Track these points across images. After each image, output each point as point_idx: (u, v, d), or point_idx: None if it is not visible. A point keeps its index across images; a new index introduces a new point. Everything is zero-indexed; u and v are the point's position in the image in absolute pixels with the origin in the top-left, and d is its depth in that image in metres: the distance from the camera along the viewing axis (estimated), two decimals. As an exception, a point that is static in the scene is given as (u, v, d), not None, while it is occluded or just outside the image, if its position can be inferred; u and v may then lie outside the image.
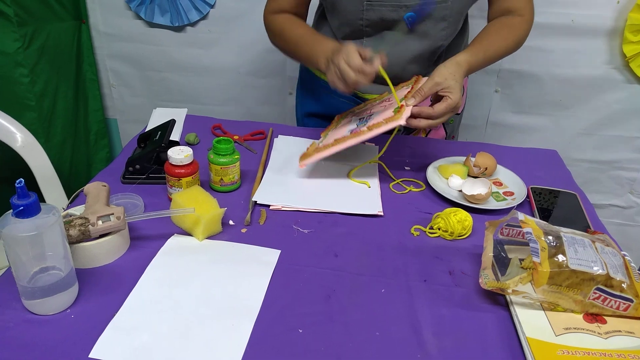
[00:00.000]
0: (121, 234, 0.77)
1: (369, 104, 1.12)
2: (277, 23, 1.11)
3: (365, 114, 1.06)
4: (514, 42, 1.05)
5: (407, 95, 0.97)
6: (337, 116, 1.16)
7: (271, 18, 1.12)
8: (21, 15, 1.50)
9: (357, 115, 1.08)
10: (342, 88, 0.93)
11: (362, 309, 0.71)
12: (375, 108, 1.05)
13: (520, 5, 1.04)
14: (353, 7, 1.02)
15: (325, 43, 1.01)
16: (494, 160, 1.04)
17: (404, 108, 0.92)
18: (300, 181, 1.00)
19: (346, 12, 1.04)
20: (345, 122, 1.08)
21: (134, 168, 0.97)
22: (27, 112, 1.60)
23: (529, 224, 0.72)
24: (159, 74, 1.89)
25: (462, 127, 1.81)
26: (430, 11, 1.01)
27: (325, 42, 1.01)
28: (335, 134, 1.04)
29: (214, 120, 1.24)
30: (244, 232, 0.85)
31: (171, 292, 0.71)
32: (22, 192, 0.60)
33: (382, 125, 0.91)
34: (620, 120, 1.69)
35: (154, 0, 1.72)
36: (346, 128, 1.03)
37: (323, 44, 1.01)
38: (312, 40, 1.04)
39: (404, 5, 1.00)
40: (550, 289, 0.68)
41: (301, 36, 1.07)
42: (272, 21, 1.12)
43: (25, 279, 0.64)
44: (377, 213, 0.92)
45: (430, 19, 1.02)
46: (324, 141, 1.03)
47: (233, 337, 0.65)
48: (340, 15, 1.06)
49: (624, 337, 0.67)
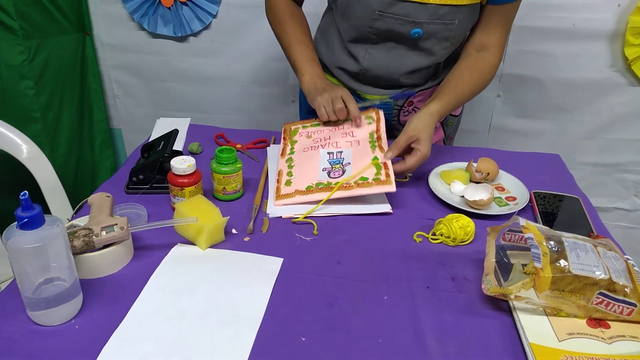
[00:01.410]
0: (125, 244, 0.78)
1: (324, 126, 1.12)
2: (281, 10, 1.17)
3: (328, 143, 1.07)
4: (482, 85, 1.13)
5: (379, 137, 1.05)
6: (286, 125, 1.17)
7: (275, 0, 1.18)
8: (26, 29, 1.52)
9: (322, 145, 1.06)
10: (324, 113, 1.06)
11: (365, 316, 0.71)
12: (341, 142, 1.06)
13: (495, 42, 1.10)
14: (363, 14, 1.05)
15: (316, 67, 1.14)
16: (496, 166, 1.04)
17: (389, 172, 0.96)
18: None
19: (356, 17, 1.07)
20: (307, 147, 1.07)
21: (137, 178, 0.98)
22: (33, 123, 1.62)
23: (531, 230, 0.72)
24: (163, 84, 1.91)
25: (464, 132, 1.82)
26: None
27: (316, 65, 1.14)
28: (303, 172, 1.01)
29: (217, 129, 1.25)
30: (247, 240, 0.86)
31: (175, 302, 0.72)
32: (26, 204, 0.61)
33: (373, 186, 0.94)
34: (623, 123, 1.69)
35: (157, 11, 1.73)
36: (316, 163, 1.02)
37: (314, 65, 1.14)
38: (306, 54, 1.14)
39: (412, 21, 1.03)
40: (552, 294, 0.67)
41: (299, 42, 1.15)
42: (275, 4, 1.18)
43: (30, 290, 0.65)
44: (388, 211, 0.94)
45: (435, 37, 1.06)
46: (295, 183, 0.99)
47: (236, 345, 0.65)
48: (350, 20, 1.09)
49: (628, 342, 0.66)
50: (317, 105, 1.07)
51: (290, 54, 1.16)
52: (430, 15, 1.01)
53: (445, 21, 1.03)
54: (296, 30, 1.16)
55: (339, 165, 1.01)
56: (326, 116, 1.06)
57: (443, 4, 0.99)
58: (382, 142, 1.04)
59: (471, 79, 1.10)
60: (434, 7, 1.00)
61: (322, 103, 1.06)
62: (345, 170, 0.99)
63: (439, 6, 1.00)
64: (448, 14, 1.01)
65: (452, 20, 1.03)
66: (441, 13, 1.01)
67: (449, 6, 1.00)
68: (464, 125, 1.80)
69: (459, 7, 1.01)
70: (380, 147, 1.03)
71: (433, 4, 0.99)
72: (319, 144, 1.08)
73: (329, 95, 1.06)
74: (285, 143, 1.12)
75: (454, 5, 1.00)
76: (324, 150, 1.05)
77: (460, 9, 1.01)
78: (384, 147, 1.02)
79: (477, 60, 1.11)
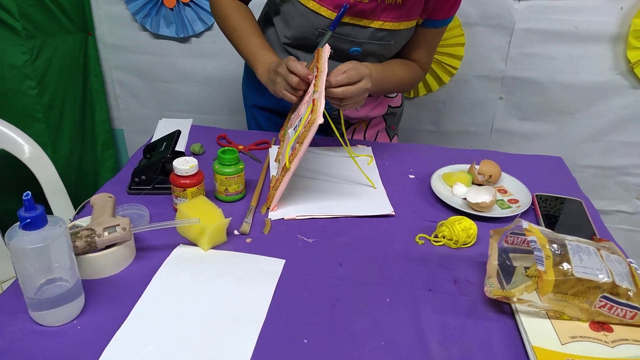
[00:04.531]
0: (127, 244, 0.78)
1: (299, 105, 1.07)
2: (224, 6, 1.15)
3: (295, 119, 1.03)
4: (410, 81, 1.20)
5: (315, 84, 0.95)
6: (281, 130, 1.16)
7: None
8: (29, 29, 1.52)
9: (292, 125, 1.04)
10: (289, 96, 1.00)
11: (367, 318, 0.71)
12: (302, 109, 1.01)
13: (424, 60, 1.20)
14: (307, 29, 1.08)
15: (268, 54, 1.10)
16: (498, 168, 1.04)
17: (316, 102, 0.89)
18: (306, 190, 1.01)
19: (299, 29, 1.09)
20: (287, 140, 1.04)
21: (139, 179, 0.98)
22: (35, 123, 1.62)
23: (533, 232, 0.72)
24: (165, 84, 1.91)
25: (466, 134, 1.82)
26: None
27: (268, 53, 1.10)
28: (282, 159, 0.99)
29: (219, 130, 1.25)
30: (249, 242, 0.86)
31: (176, 303, 0.72)
32: (29, 204, 0.61)
33: (307, 134, 0.88)
34: (625, 125, 1.69)
35: (160, 12, 1.74)
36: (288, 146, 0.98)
37: (266, 54, 1.10)
38: (256, 44, 1.11)
39: (353, 40, 1.09)
40: (555, 297, 0.67)
41: (248, 34, 1.13)
42: (218, 1, 1.16)
43: (32, 290, 0.65)
44: (390, 213, 0.93)
45: (372, 55, 1.13)
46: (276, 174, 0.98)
47: (238, 347, 0.65)
48: (292, 30, 1.11)
49: (631, 346, 0.66)
50: (280, 95, 1.02)
51: (242, 48, 1.13)
52: (369, 37, 1.08)
53: (383, 42, 1.10)
54: (244, 24, 1.13)
55: (296, 139, 0.94)
56: (294, 98, 1.01)
57: (382, 28, 1.06)
58: (319, 80, 0.93)
59: (404, 68, 1.17)
60: (374, 30, 1.07)
61: (281, 89, 1.01)
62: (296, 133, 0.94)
63: (378, 30, 1.07)
64: (386, 36, 1.09)
65: (389, 41, 1.10)
66: (380, 35, 1.08)
67: (387, 30, 1.07)
68: (466, 127, 1.81)
69: (398, 31, 1.08)
70: (316, 86, 0.94)
71: (373, 28, 1.06)
72: (293, 126, 1.03)
73: (281, 77, 1.00)
74: (280, 146, 1.11)
75: (392, 29, 1.07)
76: (291, 130, 1.02)
77: (399, 32, 1.08)
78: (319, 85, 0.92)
79: (408, 63, 1.18)
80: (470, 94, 1.75)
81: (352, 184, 1.03)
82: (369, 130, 1.31)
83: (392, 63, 1.16)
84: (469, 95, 1.75)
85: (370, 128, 1.31)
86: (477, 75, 1.70)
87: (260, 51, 1.10)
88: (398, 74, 1.15)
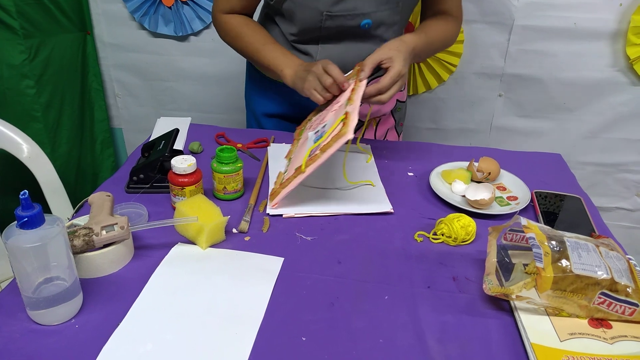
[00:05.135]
0: (125, 243, 0.78)
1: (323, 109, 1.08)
2: (233, 25, 1.13)
3: (318, 124, 1.02)
4: (450, 36, 1.16)
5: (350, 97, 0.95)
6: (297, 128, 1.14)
7: (224, 18, 1.14)
8: (27, 28, 1.52)
9: (313, 128, 1.03)
10: (316, 96, 1.00)
11: (365, 316, 0.71)
12: (328, 116, 1.01)
13: (453, 6, 1.16)
14: (311, 18, 1.06)
15: (291, 57, 1.08)
16: (497, 165, 1.04)
17: (349, 116, 0.89)
18: (304, 188, 1.01)
19: (304, 22, 1.07)
20: (303, 140, 1.04)
21: (137, 177, 0.98)
22: (33, 123, 1.62)
23: (532, 229, 0.72)
24: (164, 83, 1.91)
25: (465, 131, 1.82)
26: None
27: (290, 56, 1.08)
28: (295, 159, 1.00)
29: (218, 129, 1.25)
30: (247, 240, 0.85)
31: (175, 301, 0.72)
32: (26, 203, 0.60)
33: (332, 144, 0.87)
34: (625, 122, 1.68)
35: (158, 11, 1.73)
36: (304, 148, 0.98)
37: (288, 57, 1.08)
38: (275, 50, 1.09)
39: (361, 13, 1.05)
40: (554, 294, 0.67)
41: (264, 44, 1.11)
42: (226, 22, 1.14)
43: (30, 289, 0.65)
44: (388, 210, 0.93)
45: (384, 24, 1.08)
46: (287, 172, 0.99)
47: (237, 345, 0.65)
48: (298, 25, 1.09)
49: (630, 342, 0.66)
50: (308, 93, 1.01)
51: (260, 57, 1.11)
52: (376, 4, 1.04)
53: (390, 6, 1.06)
54: (258, 35, 1.12)
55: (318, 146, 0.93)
56: (321, 99, 1.00)
57: None
58: (356, 94, 0.94)
59: (441, 26, 1.14)
60: None
61: (310, 88, 1.00)
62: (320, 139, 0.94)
63: None
64: None
65: (397, 3, 1.06)
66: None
67: None
68: (465, 125, 1.81)
69: None
70: (351, 99, 0.93)
71: None
72: (314, 129, 1.02)
73: (313, 76, 1.00)
74: (293, 144, 1.10)
75: None
76: (311, 132, 1.01)
77: None
78: (355, 100, 0.92)
79: (442, 16, 1.15)
80: (469, 92, 1.74)
81: (351, 182, 1.03)
82: (379, 129, 1.29)
83: (427, 25, 1.13)
84: (468, 93, 1.75)
85: (380, 126, 1.29)
86: (476, 73, 1.70)
87: (282, 56, 1.08)
88: (439, 33, 1.12)
